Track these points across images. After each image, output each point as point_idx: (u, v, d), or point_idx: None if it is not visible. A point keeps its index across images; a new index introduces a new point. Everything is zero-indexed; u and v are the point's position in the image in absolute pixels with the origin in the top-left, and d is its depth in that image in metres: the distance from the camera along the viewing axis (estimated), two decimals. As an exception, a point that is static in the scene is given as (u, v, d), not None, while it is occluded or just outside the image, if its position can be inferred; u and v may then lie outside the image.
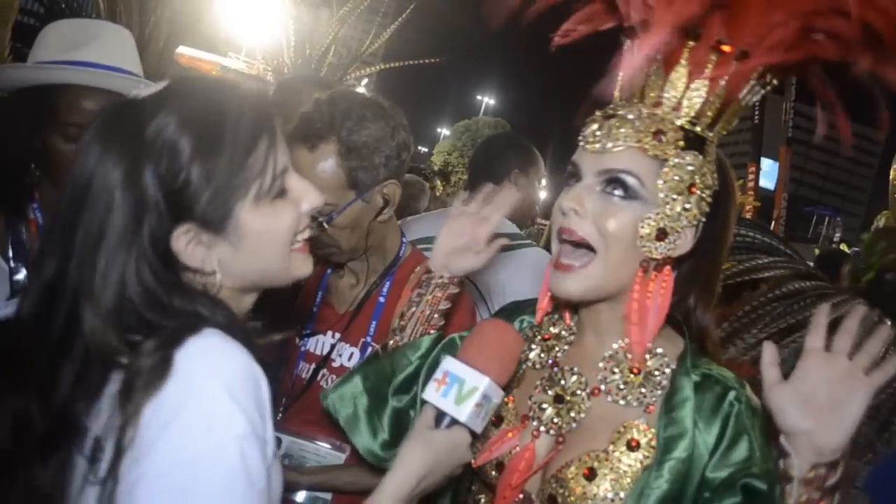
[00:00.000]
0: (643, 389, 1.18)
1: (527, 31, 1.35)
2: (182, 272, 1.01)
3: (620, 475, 1.12)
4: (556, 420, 1.21)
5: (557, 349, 1.30)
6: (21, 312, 1.00)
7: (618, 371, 1.20)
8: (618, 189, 1.15)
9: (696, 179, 1.16)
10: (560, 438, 1.20)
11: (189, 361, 0.90)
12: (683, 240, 1.17)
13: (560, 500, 1.14)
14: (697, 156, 1.17)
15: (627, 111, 1.19)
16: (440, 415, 1.12)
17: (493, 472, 1.24)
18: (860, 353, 1.02)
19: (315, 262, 1.18)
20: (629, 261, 1.17)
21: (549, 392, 1.24)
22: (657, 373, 1.18)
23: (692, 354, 1.19)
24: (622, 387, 1.19)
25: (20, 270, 1.74)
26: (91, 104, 1.72)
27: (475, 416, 1.11)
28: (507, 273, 2.31)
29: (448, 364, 1.13)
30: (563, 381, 1.24)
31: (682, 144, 1.16)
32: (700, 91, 1.18)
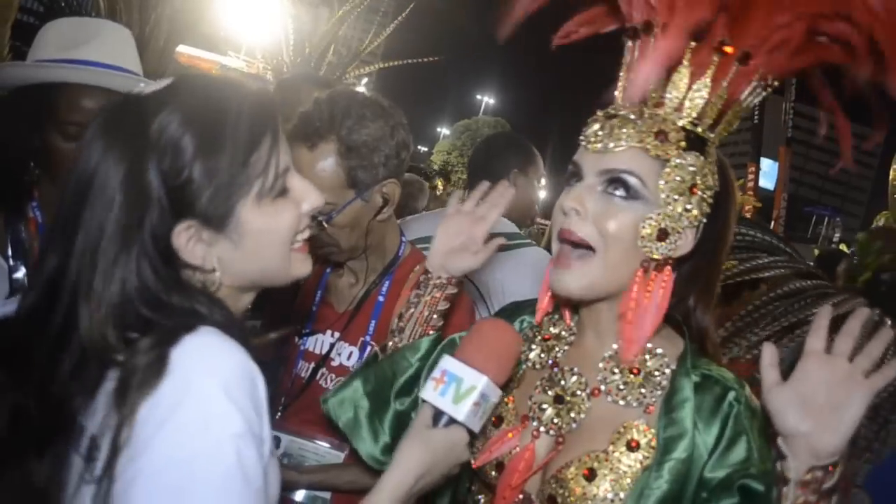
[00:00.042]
0: (643, 390, 1.17)
1: (527, 31, 1.34)
2: (182, 270, 1.01)
3: (620, 476, 1.12)
4: (556, 420, 1.21)
5: (557, 349, 1.30)
6: (22, 308, 1.00)
7: (618, 371, 1.20)
8: (619, 189, 1.15)
9: (698, 180, 1.16)
10: (560, 439, 1.20)
11: (185, 360, 0.90)
12: (684, 240, 1.17)
13: (560, 501, 1.14)
14: (699, 156, 1.17)
15: (629, 111, 1.19)
16: (438, 414, 1.12)
17: (493, 473, 1.24)
18: (860, 356, 1.01)
19: (314, 262, 1.18)
20: (629, 260, 1.16)
21: (549, 392, 1.24)
22: (657, 373, 1.18)
23: (692, 355, 1.19)
24: (622, 387, 1.19)
25: (19, 269, 1.74)
26: (91, 103, 1.72)
27: (473, 415, 1.10)
28: (507, 272, 2.31)
29: (446, 363, 1.13)
30: (563, 382, 1.24)
31: (684, 145, 1.16)
32: (702, 92, 1.18)
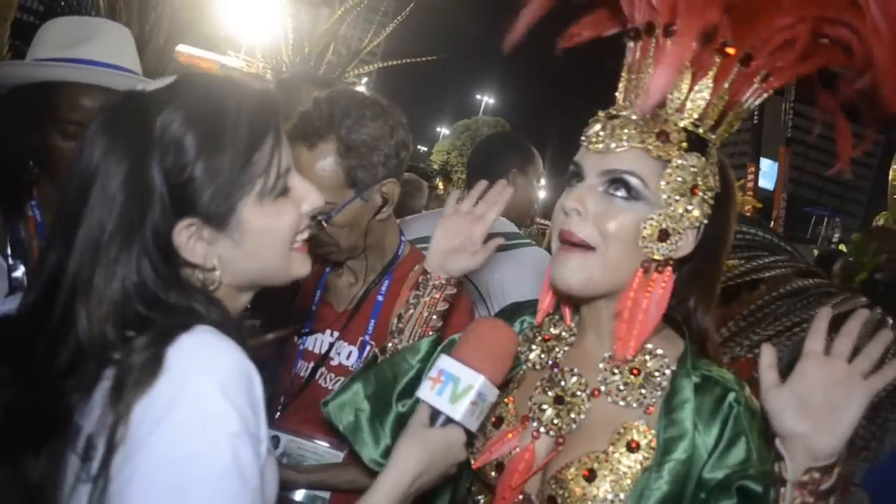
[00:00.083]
0: (643, 391, 1.17)
1: (527, 31, 1.34)
2: (181, 268, 1.00)
3: (620, 476, 1.11)
4: (556, 421, 1.21)
5: (558, 350, 1.29)
6: (23, 305, 1.00)
7: (618, 372, 1.20)
8: (620, 190, 1.15)
9: (699, 181, 1.16)
10: (560, 439, 1.19)
11: (182, 358, 0.90)
12: (685, 241, 1.17)
13: (560, 501, 1.14)
14: (700, 157, 1.16)
15: (631, 112, 1.19)
16: (435, 413, 1.11)
17: (493, 473, 1.24)
18: (859, 357, 1.01)
19: (314, 261, 1.18)
20: (630, 260, 1.16)
21: (550, 393, 1.24)
22: (657, 374, 1.18)
23: (692, 356, 1.19)
24: (622, 388, 1.18)
25: (18, 267, 1.74)
26: (90, 102, 1.72)
27: (470, 415, 1.10)
28: (506, 272, 2.30)
29: (443, 362, 1.13)
30: (564, 382, 1.24)
31: (686, 146, 1.16)
32: (704, 93, 1.18)
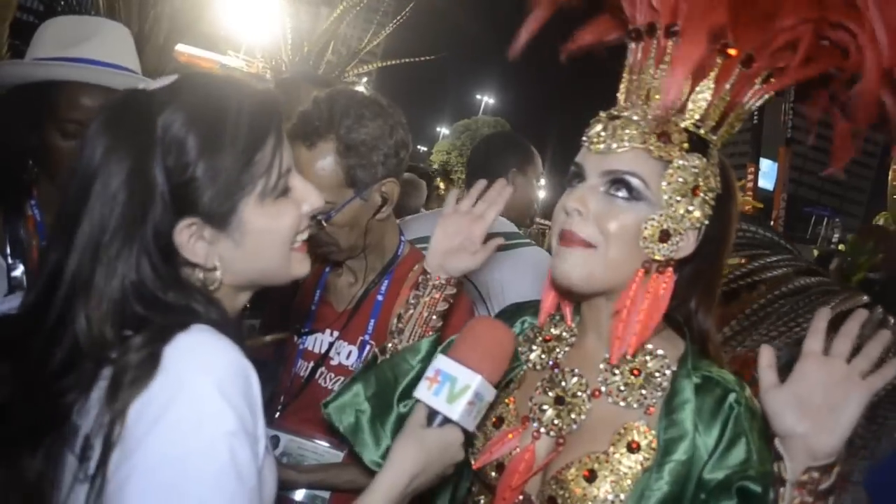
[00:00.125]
0: (643, 391, 1.17)
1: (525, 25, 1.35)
2: (181, 268, 1.00)
3: (621, 477, 1.11)
4: (557, 421, 1.21)
5: (558, 350, 1.29)
6: (23, 304, 1.00)
7: (618, 373, 1.20)
8: (622, 190, 1.15)
9: (700, 182, 1.16)
10: (560, 440, 1.19)
11: (178, 357, 0.89)
12: (686, 242, 1.17)
13: (560, 502, 1.14)
14: (701, 158, 1.16)
15: (632, 112, 1.19)
16: (432, 413, 1.11)
17: (493, 474, 1.23)
18: (859, 357, 1.01)
19: (314, 261, 1.18)
20: (630, 260, 1.16)
21: (550, 393, 1.24)
22: (658, 374, 1.18)
23: (693, 356, 1.19)
24: (623, 388, 1.18)
25: (17, 267, 1.74)
26: (90, 101, 1.71)
27: (467, 415, 1.09)
28: (506, 272, 2.30)
29: (440, 362, 1.12)
30: (564, 383, 1.23)
31: (687, 146, 1.16)
32: (705, 94, 1.18)
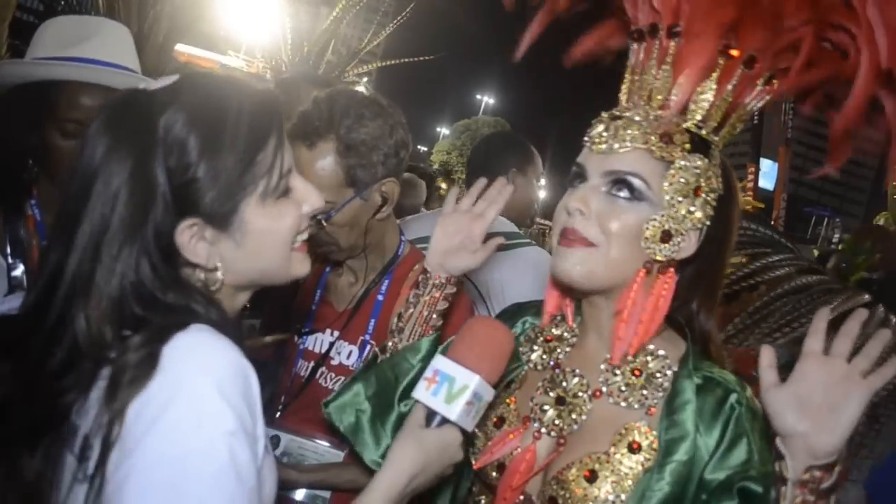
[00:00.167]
0: (645, 391, 1.17)
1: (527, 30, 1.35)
2: (182, 268, 1.00)
3: (621, 477, 1.11)
4: (558, 422, 1.21)
5: (559, 351, 1.29)
6: (24, 304, 0.99)
7: (619, 373, 1.20)
8: (623, 191, 1.15)
9: (702, 182, 1.16)
10: (561, 440, 1.19)
11: (177, 357, 0.89)
12: (687, 243, 1.17)
13: (561, 502, 1.14)
14: (703, 159, 1.17)
15: (634, 113, 1.19)
16: (431, 414, 1.11)
17: (494, 474, 1.23)
18: (859, 357, 1.01)
19: (314, 260, 1.18)
20: (631, 259, 1.16)
21: (551, 394, 1.24)
22: (659, 375, 1.18)
23: (694, 357, 1.19)
24: (624, 389, 1.18)
25: (17, 266, 1.74)
26: (90, 101, 1.71)
27: (466, 415, 1.09)
28: (506, 272, 2.30)
29: (438, 362, 1.12)
30: (565, 383, 1.23)
31: (689, 147, 1.16)
32: (707, 94, 1.18)
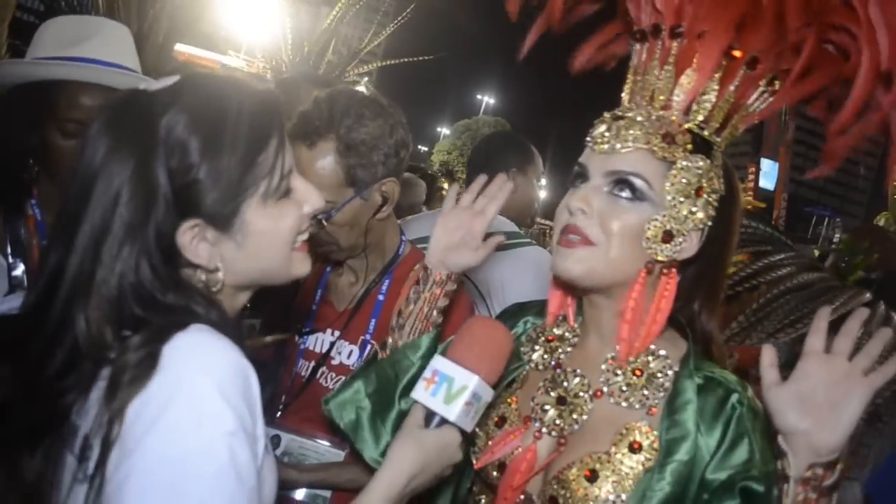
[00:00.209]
0: (646, 391, 1.17)
1: (528, 30, 1.35)
2: (182, 269, 1.00)
3: (622, 477, 1.11)
4: (559, 421, 1.21)
5: (560, 351, 1.29)
6: (24, 305, 0.99)
7: (620, 373, 1.20)
8: (625, 191, 1.15)
9: (704, 183, 1.16)
10: (562, 440, 1.19)
11: (177, 357, 0.89)
12: (689, 243, 1.17)
13: (561, 502, 1.14)
14: (705, 160, 1.17)
15: (636, 113, 1.19)
16: (430, 414, 1.11)
17: (495, 473, 1.23)
18: (860, 355, 1.01)
19: (314, 260, 1.18)
20: (632, 260, 1.16)
21: (552, 393, 1.24)
22: (660, 375, 1.18)
23: (695, 357, 1.19)
24: (625, 389, 1.18)
25: (18, 266, 1.74)
26: (90, 101, 1.71)
27: (465, 416, 1.09)
28: (506, 271, 2.30)
29: (437, 363, 1.12)
30: (566, 383, 1.23)
31: (691, 148, 1.16)
32: (709, 95, 1.18)
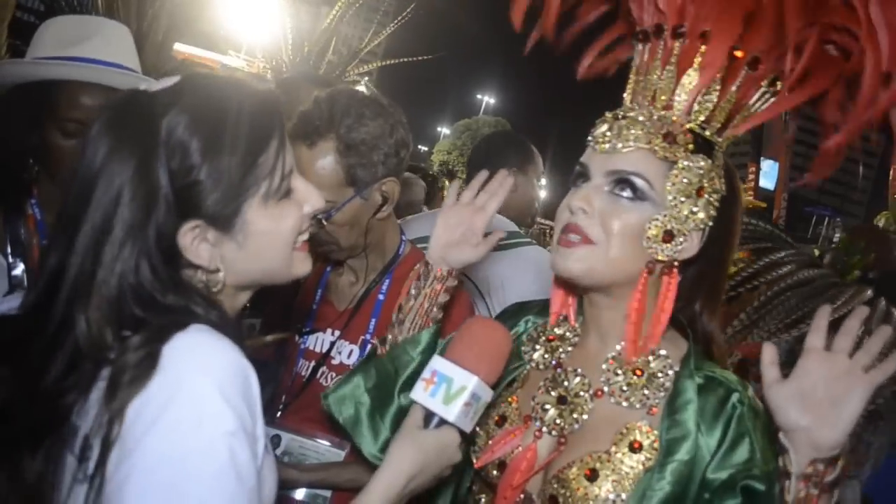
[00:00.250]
0: (646, 391, 1.17)
1: (528, 31, 1.35)
2: (183, 269, 1.00)
3: (622, 476, 1.11)
4: (559, 421, 1.21)
5: (561, 350, 1.29)
6: (24, 305, 0.99)
7: (621, 373, 1.20)
8: (626, 190, 1.15)
9: (705, 183, 1.16)
10: (562, 439, 1.19)
11: (177, 357, 0.89)
12: (690, 243, 1.17)
13: (561, 501, 1.14)
14: (707, 160, 1.17)
15: (638, 113, 1.19)
16: (429, 415, 1.11)
17: (495, 472, 1.23)
18: (860, 352, 1.02)
19: (314, 260, 1.18)
20: (633, 259, 1.16)
21: (553, 393, 1.24)
22: (660, 375, 1.18)
23: (695, 357, 1.19)
24: (625, 388, 1.18)
25: (17, 266, 1.74)
26: (90, 100, 1.72)
27: (464, 416, 1.09)
28: (507, 270, 2.30)
29: (436, 363, 1.12)
30: (567, 383, 1.23)
31: (692, 148, 1.16)
32: (711, 95, 1.18)
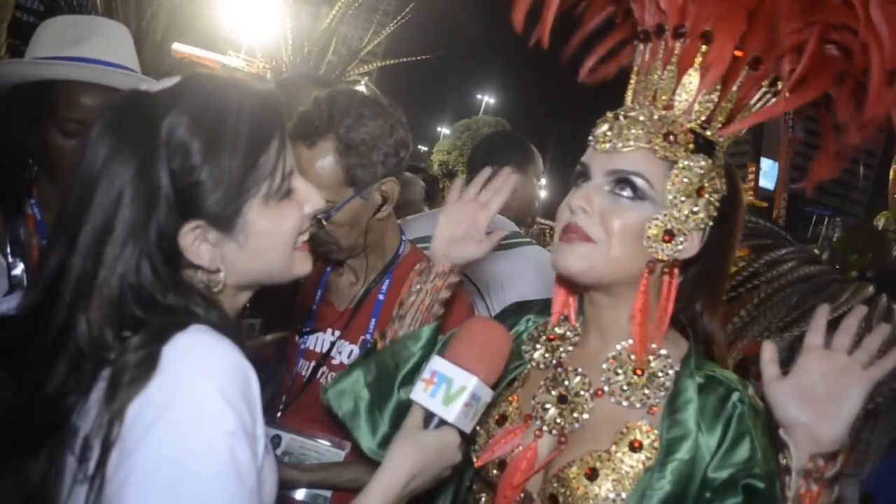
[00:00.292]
0: (646, 391, 1.17)
1: (528, 30, 1.35)
2: (183, 269, 1.00)
3: (622, 476, 1.11)
4: (559, 420, 1.21)
5: (562, 350, 1.29)
6: (24, 306, 0.99)
7: (621, 372, 1.20)
8: (626, 190, 1.15)
9: (705, 183, 1.16)
10: (562, 438, 1.19)
11: (177, 357, 0.89)
12: (690, 243, 1.17)
13: (561, 500, 1.14)
14: (707, 159, 1.17)
15: (638, 113, 1.19)
16: (429, 415, 1.11)
17: (495, 471, 1.23)
18: (859, 350, 1.03)
19: (314, 260, 1.18)
20: (633, 258, 1.16)
21: (553, 392, 1.24)
22: (661, 374, 1.18)
23: (696, 356, 1.19)
24: (625, 388, 1.18)
25: (17, 266, 1.74)
26: (90, 100, 1.72)
27: (464, 417, 1.09)
28: (507, 269, 2.30)
29: (436, 363, 1.12)
30: (567, 382, 1.23)
31: (692, 147, 1.16)
32: (712, 96, 1.18)
